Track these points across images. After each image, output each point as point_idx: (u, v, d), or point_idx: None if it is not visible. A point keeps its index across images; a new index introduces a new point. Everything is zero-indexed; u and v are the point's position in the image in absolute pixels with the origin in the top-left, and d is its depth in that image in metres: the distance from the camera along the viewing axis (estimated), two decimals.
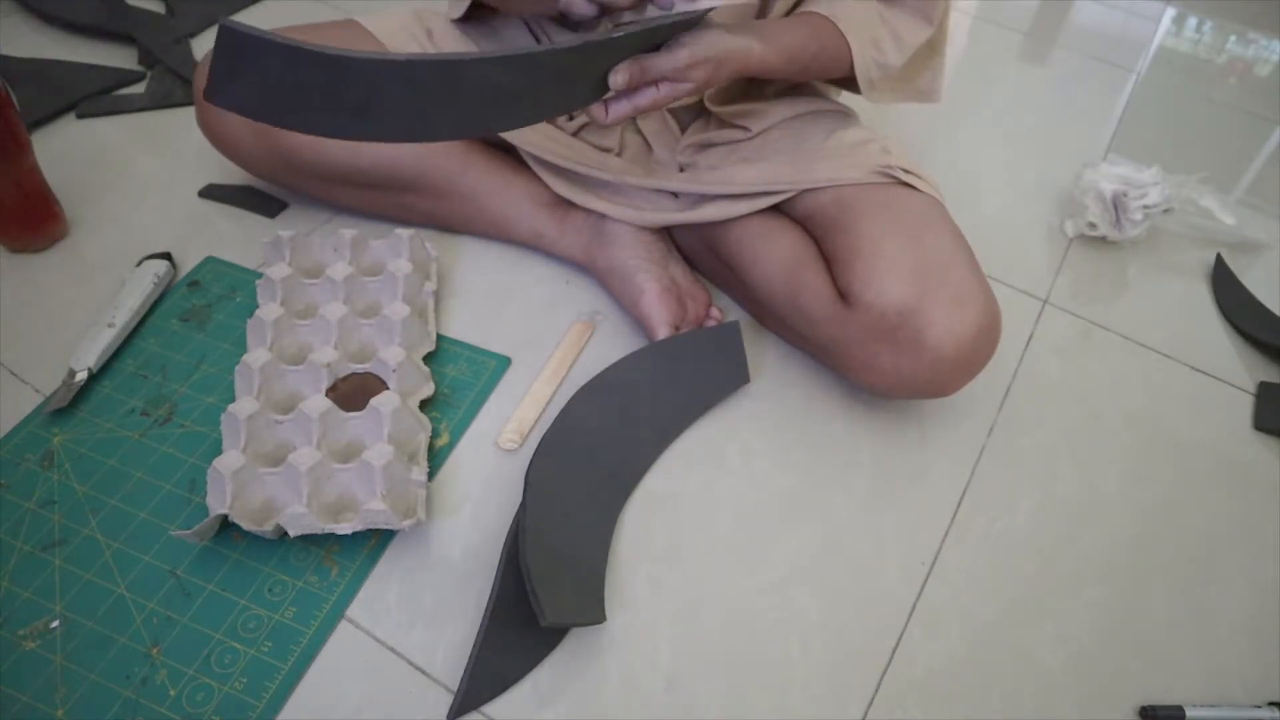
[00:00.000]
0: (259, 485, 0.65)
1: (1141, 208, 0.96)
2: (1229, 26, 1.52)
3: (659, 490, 0.72)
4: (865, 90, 0.77)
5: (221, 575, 0.64)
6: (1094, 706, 0.63)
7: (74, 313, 0.79)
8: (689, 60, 0.62)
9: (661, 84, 0.64)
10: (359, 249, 0.82)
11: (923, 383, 0.70)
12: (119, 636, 0.60)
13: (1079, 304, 0.94)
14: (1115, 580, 0.71)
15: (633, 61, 0.62)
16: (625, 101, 0.64)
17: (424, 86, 0.54)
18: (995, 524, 0.73)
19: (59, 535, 0.65)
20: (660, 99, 0.64)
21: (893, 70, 0.77)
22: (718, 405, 0.78)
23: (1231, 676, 0.66)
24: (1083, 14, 1.51)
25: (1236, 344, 0.92)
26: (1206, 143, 1.22)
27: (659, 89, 0.64)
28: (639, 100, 0.64)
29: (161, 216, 0.90)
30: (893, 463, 0.76)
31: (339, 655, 0.61)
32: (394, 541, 0.67)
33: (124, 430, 0.72)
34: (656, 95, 0.64)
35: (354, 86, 0.53)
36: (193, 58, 1.10)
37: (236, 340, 0.78)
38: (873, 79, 0.76)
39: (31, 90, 1.01)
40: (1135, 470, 0.78)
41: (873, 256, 0.69)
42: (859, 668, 0.64)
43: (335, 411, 0.68)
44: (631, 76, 0.62)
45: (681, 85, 0.64)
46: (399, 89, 0.54)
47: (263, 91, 0.53)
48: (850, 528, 0.71)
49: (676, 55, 0.62)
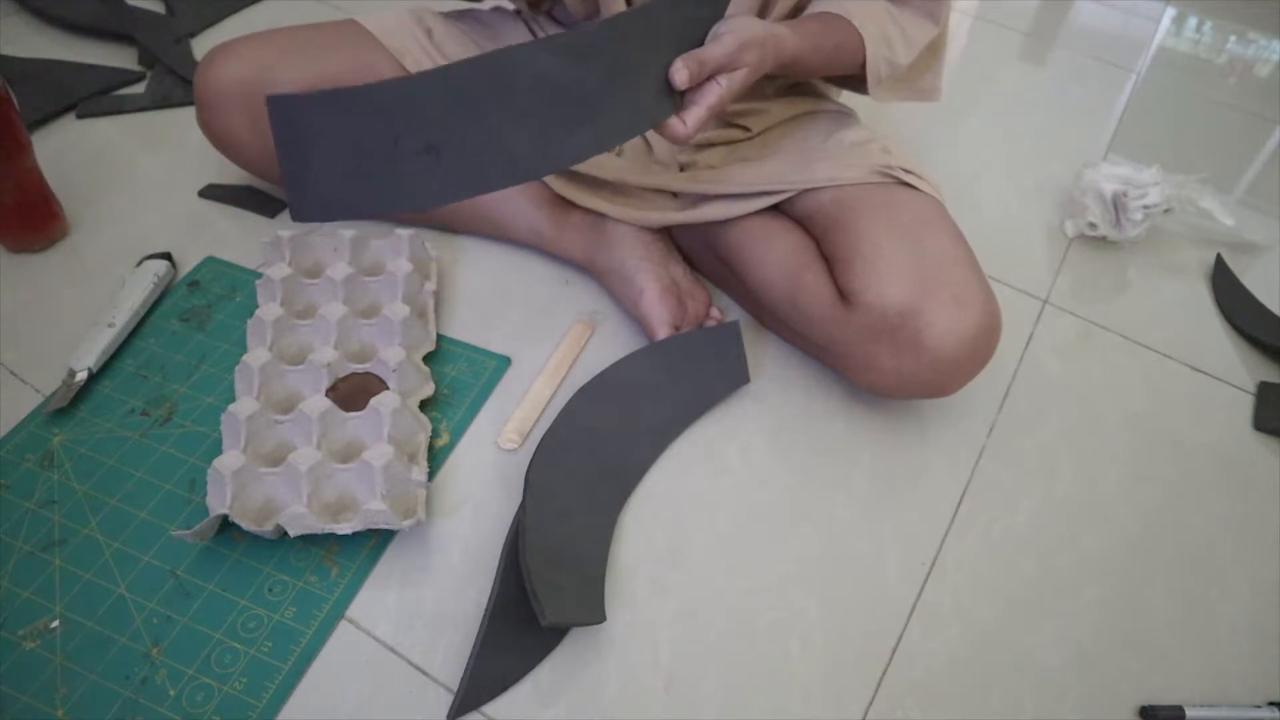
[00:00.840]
0: (259, 485, 0.65)
1: (1141, 208, 0.96)
2: (1229, 26, 1.52)
3: (659, 490, 0.72)
4: (872, 87, 0.77)
5: (221, 575, 0.64)
6: (1094, 706, 0.63)
7: (74, 313, 0.79)
8: (738, 44, 0.61)
9: (720, 77, 0.62)
10: (359, 249, 0.82)
11: (923, 383, 0.70)
12: (119, 636, 0.60)
13: (1079, 304, 0.94)
14: (1115, 580, 0.71)
15: (686, 57, 0.61)
16: (696, 106, 0.63)
17: (473, 95, 0.52)
18: (995, 524, 0.73)
19: (59, 535, 0.65)
20: (725, 94, 0.62)
21: (900, 69, 0.77)
22: (718, 405, 0.78)
23: (1231, 676, 0.66)
24: (1083, 14, 1.51)
25: (1236, 344, 0.92)
26: (1206, 143, 1.22)
27: (720, 84, 0.62)
28: (708, 99, 0.62)
29: (161, 216, 0.90)
30: (893, 463, 0.76)
31: (339, 655, 0.61)
32: (394, 541, 0.67)
33: (124, 430, 0.72)
34: (720, 90, 0.62)
35: (407, 119, 0.51)
36: (193, 58, 1.10)
37: (236, 340, 0.78)
38: (881, 76, 0.76)
39: (31, 90, 1.01)
40: (1135, 470, 0.78)
41: (873, 257, 0.69)
42: (859, 668, 0.64)
43: (335, 411, 0.68)
44: (691, 71, 0.60)
45: (736, 74, 0.62)
46: (450, 107, 0.52)
47: (335, 168, 0.52)
48: (850, 527, 0.71)
49: (724, 42, 0.62)
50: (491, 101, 0.53)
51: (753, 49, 0.62)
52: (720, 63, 0.62)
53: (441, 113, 0.52)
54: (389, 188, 0.54)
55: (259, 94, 0.77)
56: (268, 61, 0.78)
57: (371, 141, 0.52)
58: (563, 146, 0.58)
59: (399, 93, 0.51)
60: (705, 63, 0.61)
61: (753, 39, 0.62)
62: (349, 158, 0.53)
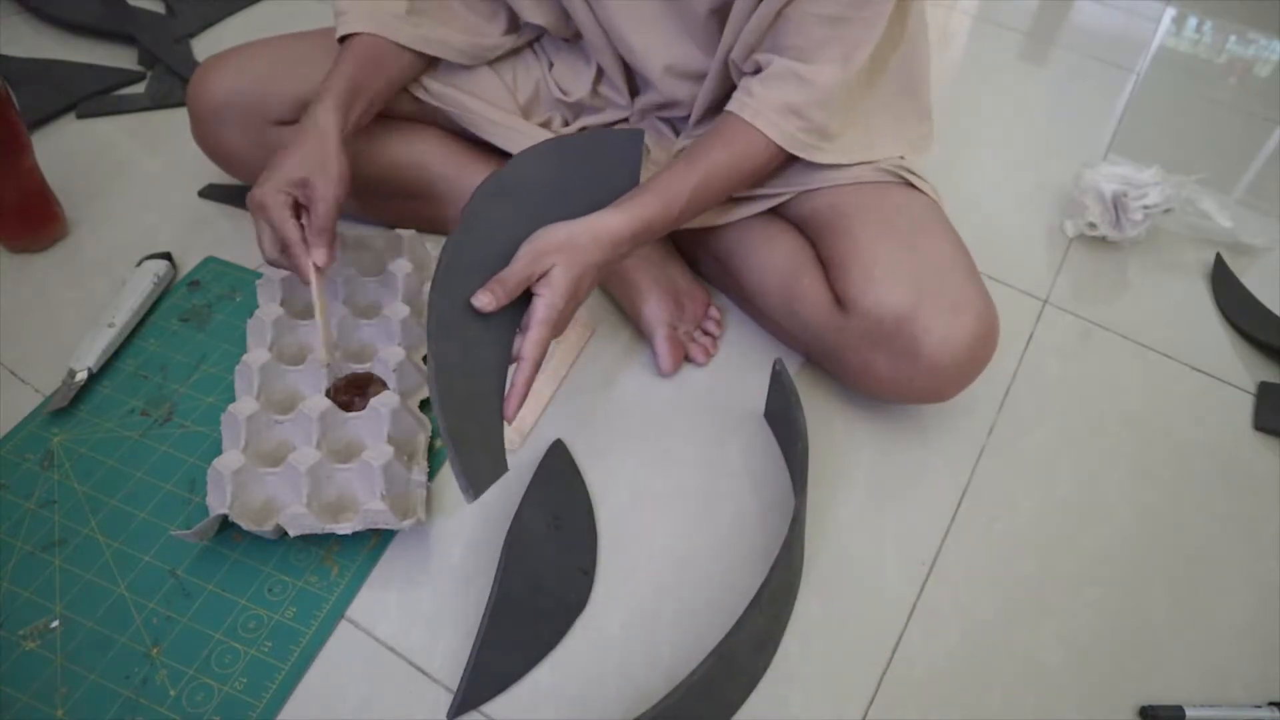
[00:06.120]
0: (259, 485, 0.65)
1: (1141, 208, 0.96)
2: (1229, 26, 1.52)
3: (659, 490, 0.72)
4: (812, 157, 0.71)
5: (221, 575, 0.64)
6: (1094, 706, 0.63)
7: (74, 313, 0.79)
8: (530, 254, 0.61)
9: (539, 288, 0.62)
10: (359, 249, 0.82)
11: (919, 388, 0.70)
12: (119, 636, 0.60)
13: (1079, 304, 0.94)
14: (1115, 580, 0.71)
15: (490, 283, 0.61)
16: (530, 328, 0.61)
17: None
18: (995, 524, 0.73)
19: (59, 535, 0.65)
20: (553, 301, 0.61)
21: (832, 129, 0.70)
22: (717, 405, 0.78)
23: (1231, 676, 0.66)
24: (1083, 14, 1.50)
25: (1236, 344, 0.92)
26: (1206, 143, 1.22)
27: (542, 294, 0.61)
28: (536, 314, 0.61)
29: (161, 216, 0.90)
30: (893, 463, 0.76)
31: (339, 655, 0.61)
32: (394, 541, 0.67)
33: (124, 430, 0.72)
34: (546, 300, 0.61)
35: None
36: (193, 58, 1.10)
37: (236, 340, 0.78)
38: (808, 142, 0.70)
39: (31, 90, 1.01)
40: (1135, 470, 0.78)
41: (869, 262, 0.69)
42: (859, 668, 0.64)
43: (335, 411, 0.68)
44: (494, 294, 0.60)
45: (553, 279, 0.61)
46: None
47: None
48: (850, 528, 0.71)
49: (517, 256, 0.62)
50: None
51: (550, 254, 0.62)
52: (520, 278, 0.61)
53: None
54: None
55: (253, 106, 0.77)
56: (261, 73, 0.77)
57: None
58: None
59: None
60: (505, 281, 0.61)
61: (545, 246, 0.62)
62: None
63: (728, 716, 0.60)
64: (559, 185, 0.67)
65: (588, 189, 0.68)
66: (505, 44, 0.81)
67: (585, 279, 0.63)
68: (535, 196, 0.66)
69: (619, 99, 0.82)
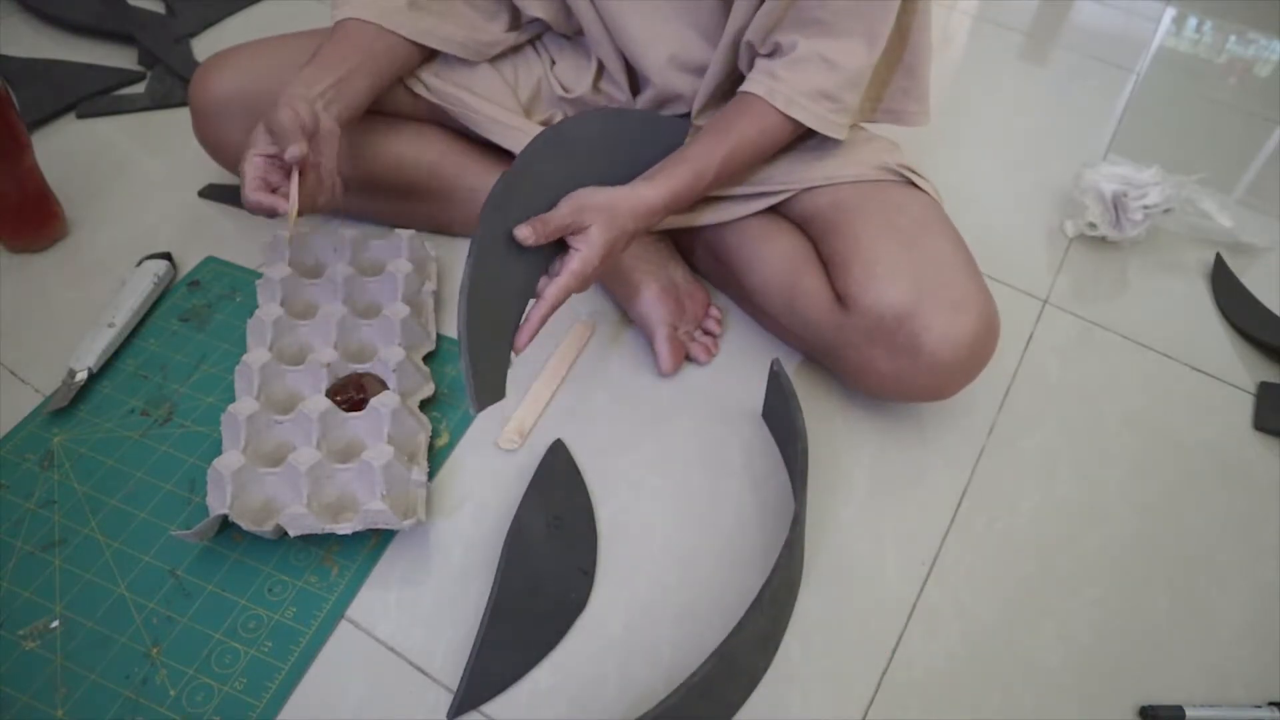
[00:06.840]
0: (259, 485, 0.65)
1: (1141, 208, 0.96)
2: (1229, 26, 1.52)
3: (659, 490, 0.72)
4: (836, 133, 0.73)
5: (221, 575, 0.64)
6: (1094, 706, 0.63)
7: (74, 313, 0.79)
8: (573, 208, 0.65)
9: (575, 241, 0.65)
10: (359, 249, 0.82)
11: (920, 387, 0.70)
12: (119, 636, 0.60)
13: (1079, 304, 0.94)
14: (1115, 580, 0.71)
15: (532, 220, 0.64)
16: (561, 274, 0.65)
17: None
18: (995, 524, 0.73)
19: (59, 535, 0.65)
20: (587, 256, 0.65)
21: (854, 106, 0.72)
22: (717, 405, 0.78)
23: (1231, 676, 0.66)
24: (1083, 14, 1.50)
25: (1236, 344, 0.92)
26: (1206, 143, 1.22)
27: (579, 248, 0.65)
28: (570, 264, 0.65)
29: (161, 216, 0.90)
30: (893, 463, 0.76)
31: (339, 655, 0.61)
32: (394, 541, 0.67)
33: (124, 430, 0.72)
34: (582, 254, 0.65)
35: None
36: (193, 58, 1.10)
37: (236, 340, 0.78)
38: (840, 122, 0.72)
39: (31, 90, 1.01)
40: (1135, 470, 0.78)
41: (870, 260, 0.69)
42: (859, 668, 0.64)
43: (335, 411, 0.68)
44: (535, 230, 0.63)
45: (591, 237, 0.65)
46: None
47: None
48: (850, 528, 0.71)
49: (561, 206, 0.65)
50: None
51: (591, 212, 0.65)
52: (560, 224, 0.64)
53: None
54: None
55: (256, 104, 0.77)
56: (264, 71, 0.77)
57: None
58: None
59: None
60: (548, 221, 0.64)
61: (589, 204, 0.65)
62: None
63: (728, 717, 0.60)
64: (607, 151, 0.71)
65: (629, 162, 0.72)
66: (507, 40, 0.81)
67: (618, 244, 0.67)
68: (583, 155, 0.70)
69: (620, 95, 0.83)
